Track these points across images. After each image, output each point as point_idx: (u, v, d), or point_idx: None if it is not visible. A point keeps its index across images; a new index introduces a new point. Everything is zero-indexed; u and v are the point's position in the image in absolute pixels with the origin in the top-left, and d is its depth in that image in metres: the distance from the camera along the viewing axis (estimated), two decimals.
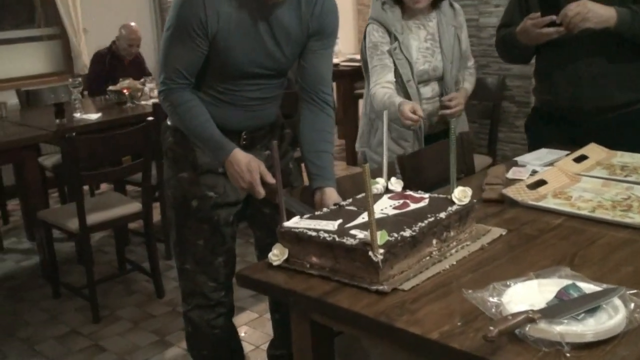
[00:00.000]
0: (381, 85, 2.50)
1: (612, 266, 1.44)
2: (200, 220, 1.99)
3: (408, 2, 2.54)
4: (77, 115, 3.79)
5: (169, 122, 2.01)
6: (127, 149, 3.22)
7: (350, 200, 1.73)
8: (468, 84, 2.74)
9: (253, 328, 2.97)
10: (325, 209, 1.69)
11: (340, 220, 1.56)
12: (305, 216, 1.62)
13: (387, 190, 1.77)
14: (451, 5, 2.65)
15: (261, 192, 1.82)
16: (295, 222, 1.58)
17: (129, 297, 3.38)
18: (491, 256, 1.54)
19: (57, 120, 3.64)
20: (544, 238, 1.63)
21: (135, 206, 3.28)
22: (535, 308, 1.18)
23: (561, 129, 2.45)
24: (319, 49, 1.97)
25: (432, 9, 2.60)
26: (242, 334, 2.92)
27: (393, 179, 1.80)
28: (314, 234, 1.49)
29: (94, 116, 3.76)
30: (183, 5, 1.79)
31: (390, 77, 2.53)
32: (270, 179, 1.82)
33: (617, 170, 2.11)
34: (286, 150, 2.16)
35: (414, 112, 2.35)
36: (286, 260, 1.53)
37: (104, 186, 5.10)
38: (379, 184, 1.78)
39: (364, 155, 2.70)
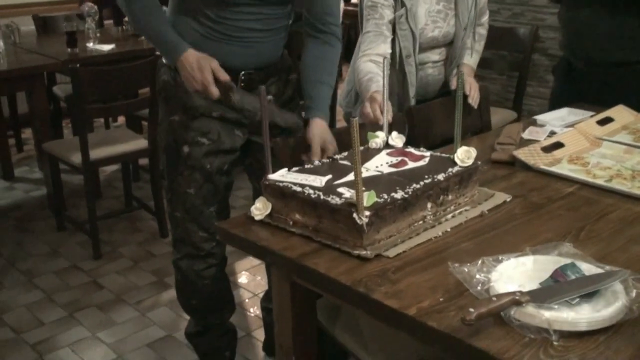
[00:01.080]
0: (369, 58, 2.07)
1: (620, 244, 1.31)
2: (191, 168, 1.88)
3: None
4: (90, 45, 3.69)
5: (164, 59, 1.89)
6: (135, 82, 3.11)
7: (346, 153, 1.61)
8: (474, 57, 2.29)
9: (253, 275, 2.91)
10: (316, 161, 1.58)
11: (329, 176, 1.44)
12: (294, 169, 1.51)
13: (386, 145, 1.65)
14: None
15: (214, 92, 1.70)
16: (281, 175, 1.47)
17: (132, 234, 3.33)
18: (490, 224, 1.41)
19: (69, 50, 3.54)
20: (551, 208, 1.50)
21: (142, 142, 3.20)
22: (525, 289, 1.07)
23: (578, 80, 2.31)
24: None
25: None
26: (241, 280, 2.86)
27: (394, 134, 1.67)
28: (299, 189, 1.38)
29: (107, 47, 3.65)
30: None
31: (384, 48, 2.10)
32: (224, 76, 1.71)
33: None
34: (291, 97, 2.01)
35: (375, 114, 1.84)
36: (269, 216, 1.43)
37: (121, 119, 5.03)
38: (379, 137, 1.65)
39: (348, 116, 2.41)
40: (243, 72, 1.84)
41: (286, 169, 1.50)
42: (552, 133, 1.98)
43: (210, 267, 2.00)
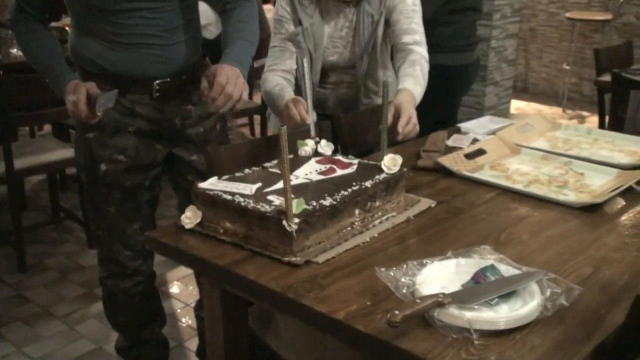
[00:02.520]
0: (275, 74, 2.08)
1: (537, 247, 1.38)
2: (109, 186, 1.83)
3: None
4: (14, 51, 3.58)
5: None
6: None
7: (275, 162, 1.63)
8: (410, 83, 1.92)
9: (185, 285, 2.88)
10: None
11: (259, 184, 1.46)
12: (224, 177, 1.51)
13: (316, 153, 1.68)
14: None
15: (82, 109, 1.62)
16: (211, 184, 1.48)
17: (59, 246, 3.25)
18: (415, 229, 1.46)
19: None
20: (473, 212, 1.56)
21: (69, 152, 3.12)
22: (448, 291, 1.12)
23: None
24: None
25: None
26: (172, 290, 2.84)
27: (323, 142, 1.70)
28: (229, 197, 1.39)
29: None
30: None
31: (289, 64, 2.10)
32: (93, 89, 1.64)
33: (559, 143, 2.05)
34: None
35: (301, 114, 1.84)
36: (199, 224, 1.44)
37: (47, 127, 4.89)
38: (308, 146, 1.68)
39: (268, 116, 2.36)
40: (157, 82, 1.78)
41: (216, 177, 1.51)
42: (475, 140, 2.06)
43: (138, 285, 1.97)
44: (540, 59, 6.30)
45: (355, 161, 1.62)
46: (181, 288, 2.86)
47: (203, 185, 1.46)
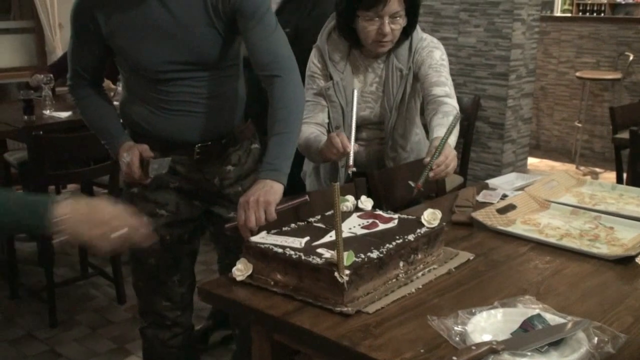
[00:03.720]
0: (309, 125, 2.13)
1: (577, 297, 1.44)
2: None
3: (369, 46, 2.12)
4: (47, 112, 3.71)
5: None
6: (94, 150, 3.14)
7: (319, 217, 1.70)
8: (442, 131, 1.89)
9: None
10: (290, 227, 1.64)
11: (307, 238, 1.53)
12: (272, 231, 1.59)
13: (356, 209, 1.75)
14: (410, 47, 2.18)
15: (136, 172, 1.74)
16: (262, 237, 1.55)
17: (89, 302, 3.30)
18: (457, 281, 1.52)
19: (25, 117, 3.56)
20: (511, 265, 1.62)
21: None
22: (499, 338, 1.17)
23: None
24: (254, 25, 1.76)
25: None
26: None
27: (363, 198, 1.78)
28: (279, 250, 1.46)
29: (64, 114, 3.68)
30: (77, 4, 1.77)
31: (322, 118, 2.18)
32: (147, 153, 1.76)
33: (586, 199, 2.12)
34: (252, 169, 2.00)
35: (343, 142, 1.91)
36: (250, 276, 1.50)
37: (71, 186, 4.99)
38: (349, 201, 1.76)
39: (304, 176, 2.40)
40: (198, 145, 1.86)
41: (265, 231, 1.58)
42: (505, 196, 2.13)
43: (177, 336, 2.02)
44: (552, 116, 6.43)
45: (396, 216, 1.69)
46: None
47: (254, 239, 1.53)
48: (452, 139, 1.96)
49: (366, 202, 1.77)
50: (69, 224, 1.20)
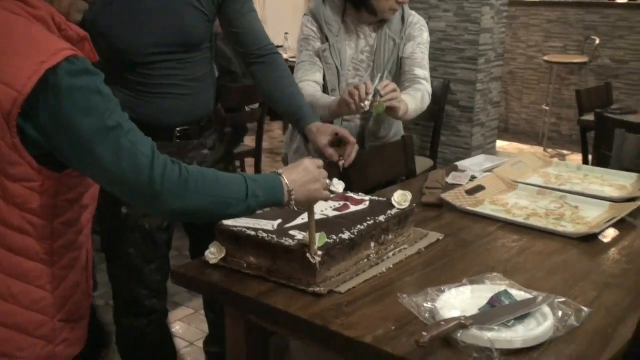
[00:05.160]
0: (308, 83, 2.19)
1: (543, 274, 1.48)
2: (130, 229, 1.89)
3: (384, 14, 2.17)
4: None
5: None
6: None
7: None
8: (408, 98, 2.10)
9: (187, 324, 2.93)
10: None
11: (280, 220, 1.55)
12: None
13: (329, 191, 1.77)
14: (403, 19, 2.26)
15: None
16: (234, 220, 1.56)
17: None
18: (427, 260, 1.55)
19: None
20: (479, 244, 1.66)
21: None
22: (468, 314, 1.20)
23: None
24: (246, 10, 1.90)
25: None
26: (176, 330, 2.88)
27: (335, 180, 1.80)
28: (252, 233, 1.48)
29: None
30: None
31: (319, 77, 2.22)
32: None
33: (552, 179, 2.17)
34: (227, 151, 2.05)
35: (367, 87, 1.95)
36: (223, 259, 1.51)
37: None
38: None
39: (285, 158, 2.43)
40: (178, 129, 1.87)
41: None
42: (473, 177, 2.17)
43: (152, 324, 2.02)
44: (520, 100, 6.51)
45: (367, 198, 1.72)
46: (184, 328, 2.90)
47: (226, 222, 1.54)
48: (412, 107, 2.11)
49: (338, 185, 1.79)
50: (297, 190, 1.36)
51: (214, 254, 1.52)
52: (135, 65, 1.78)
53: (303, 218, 1.55)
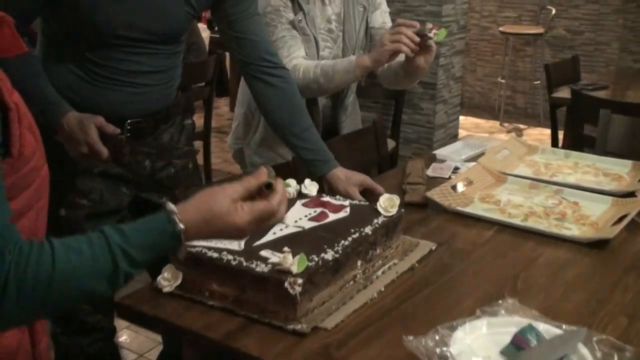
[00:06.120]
0: (300, 60, 1.90)
1: (560, 294, 1.26)
2: (70, 233, 1.61)
3: None
4: None
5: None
6: None
7: None
8: None
9: (136, 332, 2.64)
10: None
11: (246, 237, 1.28)
12: None
13: (300, 195, 1.51)
14: None
15: (102, 151, 1.46)
16: None
17: None
18: (423, 278, 1.32)
19: None
20: (478, 254, 1.43)
21: None
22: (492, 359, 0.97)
23: None
24: (251, 13, 1.67)
25: None
26: (122, 340, 2.59)
27: (307, 181, 1.54)
28: (215, 255, 1.21)
29: None
30: None
31: (304, 52, 1.94)
32: (112, 128, 1.48)
33: (541, 169, 1.96)
34: (187, 145, 1.78)
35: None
36: (180, 287, 1.24)
37: None
38: (291, 186, 1.51)
39: (240, 154, 2.11)
40: (129, 121, 1.59)
41: None
42: (456, 169, 1.94)
43: (97, 342, 1.74)
44: (475, 73, 6.35)
45: (346, 202, 1.46)
46: (132, 336, 2.61)
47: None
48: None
49: (310, 187, 1.53)
50: (192, 237, 0.98)
51: (167, 280, 1.25)
52: (98, 45, 1.51)
53: (274, 232, 1.30)
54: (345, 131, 2.13)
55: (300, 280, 1.12)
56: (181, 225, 0.94)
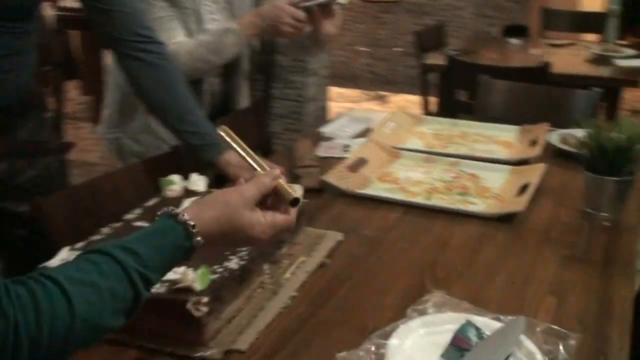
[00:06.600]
0: (182, 39, 1.70)
1: (483, 278, 1.18)
2: None
3: None
4: None
5: None
6: None
7: (140, 210, 1.25)
8: None
9: None
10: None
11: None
12: (79, 245, 1.11)
13: (187, 193, 1.33)
14: None
15: None
16: (62, 259, 1.07)
17: None
18: (336, 276, 1.19)
19: None
20: (389, 241, 1.32)
21: None
22: None
23: None
24: None
25: None
26: None
27: (194, 176, 1.35)
28: None
29: None
30: None
31: (183, 35, 1.71)
32: None
33: (432, 141, 1.89)
34: (47, 141, 1.53)
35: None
36: None
37: None
38: (175, 183, 1.32)
39: (117, 144, 1.81)
40: None
41: (67, 247, 1.10)
42: (347, 147, 1.83)
43: None
44: (337, 42, 6.29)
45: None
46: None
47: (52, 263, 1.05)
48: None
49: (198, 182, 1.34)
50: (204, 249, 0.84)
51: None
52: None
53: None
54: None
55: (205, 299, 0.95)
56: (200, 240, 0.81)
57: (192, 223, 0.81)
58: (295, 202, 0.91)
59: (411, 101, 5.93)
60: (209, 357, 0.95)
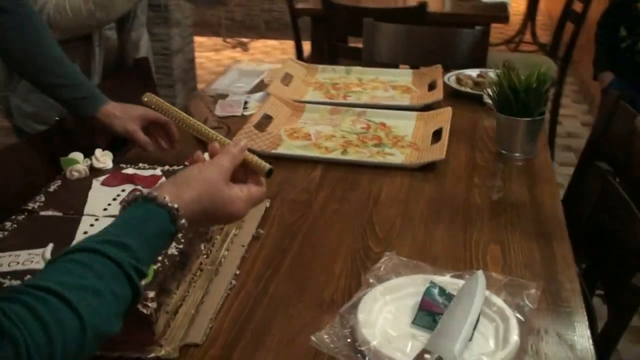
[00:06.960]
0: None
1: (423, 233, 1.16)
2: None
3: None
4: None
5: None
6: None
7: (41, 198, 1.10)
8: None
9: None
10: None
11: (51, 245, 0.95)
12: None
13: (92, 171, 1.18)
14: None
15: None
16: None
17: None
18: (275, 246, 1.12)
19: None
20: (318, 203, 1.27)
21: None
22: (410, 335, 0.84)
23: None
24: None
25: None
26: None
27: (98, 152, 1.21)
28: (17, 283, 0.87)
29: None
30: None
31: None
32: None
33: (331, 91, 1.84)
34: None
35: None
36: None
37: None
38: (79, 163, 1.18)
39: (3, 102, 1.66)
40: None
41: None
42: (246, 104, 1.73)
43: None
44: None
45: (158, 170, 1.18)
46: None
47: None
48: None
49: (104, 158, 1.20)
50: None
51: None
52: None
53: (86, 231, 0.99)
54: None
55: (152, 294, 0.85)
56: (184, 222, 0.75)
57: (176, 206, 0.73)
58: (270, 172, 0.88)
59: (271, 46, 5.84)
60: (164, 356, 0.85)
